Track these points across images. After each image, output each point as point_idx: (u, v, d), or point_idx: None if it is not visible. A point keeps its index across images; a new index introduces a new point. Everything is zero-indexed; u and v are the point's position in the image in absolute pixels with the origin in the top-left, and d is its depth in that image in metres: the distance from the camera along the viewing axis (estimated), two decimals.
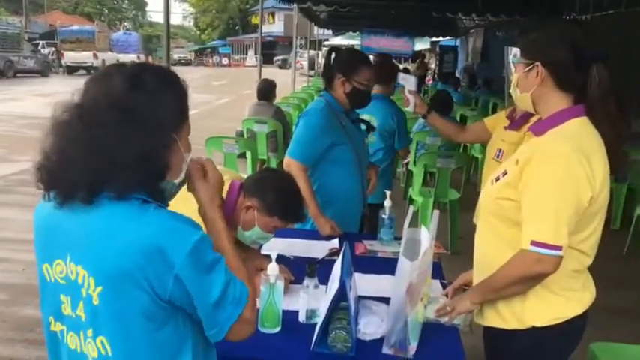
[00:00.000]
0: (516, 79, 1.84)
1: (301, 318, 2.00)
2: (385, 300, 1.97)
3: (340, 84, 2.95)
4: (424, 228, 1.98)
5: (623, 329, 3.68)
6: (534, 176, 1.69)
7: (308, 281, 1.99)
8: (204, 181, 1.42)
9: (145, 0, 68.57)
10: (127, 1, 65.98)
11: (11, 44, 26.41)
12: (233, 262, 1.33)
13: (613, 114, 1.73)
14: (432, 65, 24.97)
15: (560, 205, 1.65)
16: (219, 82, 27.12)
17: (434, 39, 23.93)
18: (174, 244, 1.20)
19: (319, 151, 2.92)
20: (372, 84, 3.08)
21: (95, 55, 30.39)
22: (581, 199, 1.66)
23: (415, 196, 5.49)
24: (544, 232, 1.65)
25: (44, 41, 33.79)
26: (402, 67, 15.62)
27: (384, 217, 2.82)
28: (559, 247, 1.65)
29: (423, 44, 25.69)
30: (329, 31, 23.59)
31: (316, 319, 1.94)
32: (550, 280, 1.73)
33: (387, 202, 2.83)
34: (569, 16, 9.27)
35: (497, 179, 1.85)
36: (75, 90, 1.28)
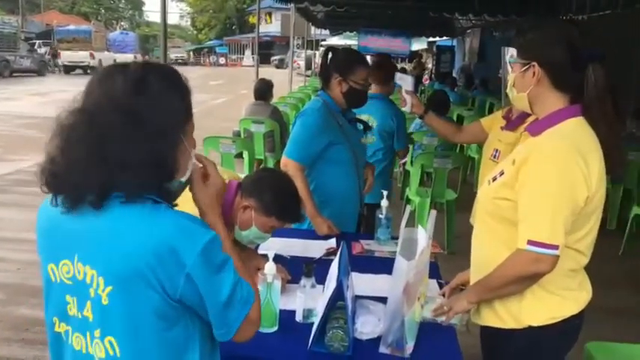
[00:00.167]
0: (513, 79, 1.84)
1: (298, 317, 2.00)
2: (382, 300, 1.97)
3: (337, 84, 2.95)
4: (421, 228, 1.99)
5: (619, 329, 3.69)
6: (531, 176, 1.69)
7: (305, 281, 1.99)
8: (204, 185, 1.41)
9: None
10: (123, 1, 65.78)
11: (7, 44, 26.34)
12: (237, 264, 1.33)
13: (609, 114, 1.74)
14: (429, 65, 24.99)
15: (557, 205, 1.65)
16: (216, 82, 27.08)
17: (431, 39, 23.95)
18: (186, 244, 1.20)
19: (316, 151, 2.92)
20: (369, 84, 3.09)
21: (92, 55, 30.34)
22: (578, 198, 1.66)
23: (412, 196, 5.49)
24: (541, 231, 1.66)
25: (40, 41, 33.73)
26: (399, 67, 15.64)
27: (381, 216, 2.82)
28: (556, 247, 1.65)
29: (420, 44, 25.71)
30: (326, 31, 23.59)
31: (313, 318, 1.95)
32: (547, 280, 1.74)
33: (384, 202, 2.84)
34: (565, 17, 9.29)
35: (494, 179, 1.85)
36: (78, 92, 1.27)
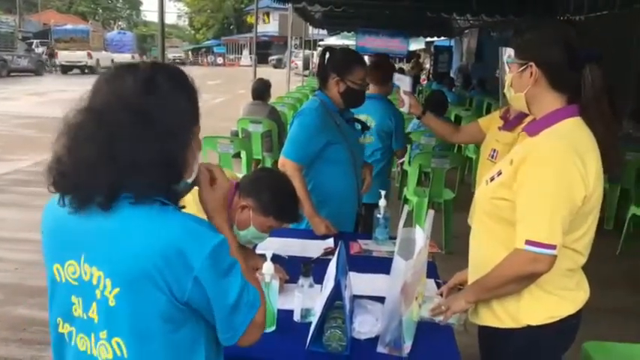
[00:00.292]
0: (510, 79, 1.85)
1: (296, 317, 2.01)
2: (380, 299, 1.97)
3: (334, 84, 2.96)
4: (419, 227, 1.99)
5: (616, 328, 3.70)
6: (529, 176, 1.69)
7: (303, 280, 1.99)
8: (211, 189, 1.41)
9: None
10: (121, 1, 65.72)
11: (5, 43, 26.32)
12: (243, 268, 1.32)
13: (607, 114, 1.74)
14: (427, 65, 25.01)
15: (555, 205, 1.65)
16: (214, 82, 27.04)
17: (428, 39, 23.96)
18: (194, 246, 1.20)
19: (314, 151, 2.92)
20: (366, 84, 3.09)
21: (89, 55, 30.31)
22: (575, 198, 1.67)
23: (410, 196, 5.49)
24: (538, 231, 1.66)
25: (38, 40, 33.69)
26: (397, 67, 15.63)
27: (378, 216, 2.82)
28: (553, 247, 1.65)
29: (417, 44, 25.72)
30: (324, 31, 23.60)
31: (311, 318, 1.95)
32: (544, 280, 1.74)
33: (382, 202, 2.84)
34: (563, 17, 9.30)
35: (492, 179, 1.85)
36: (84, 91, 1.27)
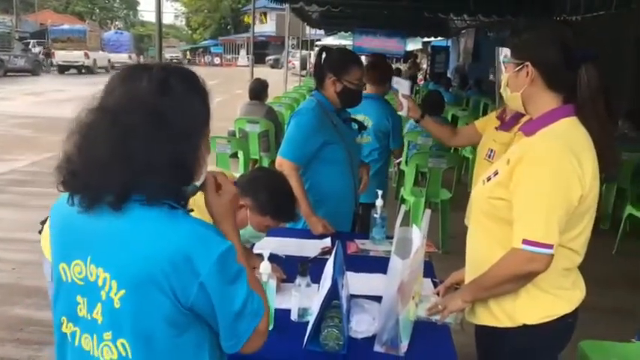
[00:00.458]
0: (507, 79, 1.85)
1: (293, 316, 2.01)
2: (377, 299, 1.98)
3: (331, 83, 2.96)
4: (415, 227, 1.99)
5: (612, 328, 3.70)
6: (525, 176, 1.70)
7: (300, 280, 1.99)
8: (217, 195, 1.40)
9: None
10: (118, 0, 65.64)
11: (1, 43, 26.22)
12: (250, 276, 1.32)
13: (602, 114, 1.74)
14: (424, 65, 25.03)
15: (551, 204, 1.66)
16: (211, 82, 26.45)
17: (426, 39, 23.99)
18: (201, 252, 1.19)
19: (311, 151, 2.92)
20: (363, 83, 3.09)
21: (86, 55, 30.25)
22: (572, 197, 1.67)
23: (407, 196, 5.50)
24: (535, 230, 1.67)
25: (35, 40, 33.61)
26: (394, 67, 15.63)
27: (375, 216, 2.82)
28: (550, 246, 1.66)
29: (414, 44, 25.74)
30: (321, 31, 23.58)
31: (308, 317, 1.95)
32: (541, 279, 1.75)
33: (379, 202, 2.84)
34: (560, 17, 9.32)
35: (489, 179, 1.86)
36: (97, 91, 1.27)
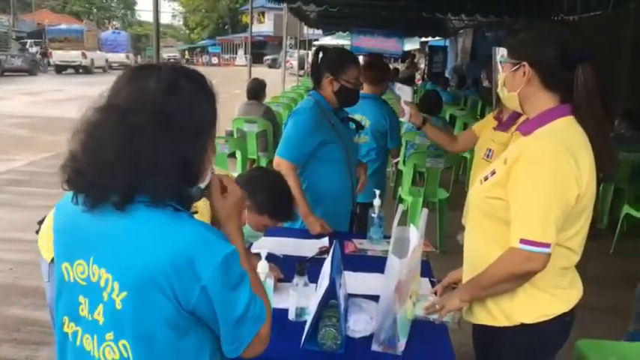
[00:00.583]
0: (503, 78, 1.86)
1: (291, 316, 2.01)
2: (374, 298, 1.98)
3: (328, 83, 2.96)
4: (413, 226, 1.99)
5: (609, 327, 3.72)
6: (522, 175, 1.70)
7: (298, 279, 1.99)
8: (222, 197, 1.40)
9: None
10: (115, 0, 65.58)
11: None
12: (252, 279, 1.31)
13: (599, 113, 1.75)
14: (422, 65, 25.05)
15: (548, 203, 1.66)
16: None
17: (423, 39, 24.01)
18: (204, 255, 1.19)
19: (309, 150, 2.92)
20: (360, 82, 3.09)
21: (84, 54, 30.22)
22: (569, 197, 1.67)
23: (404, 196, 5.50)
24: (532, 230, 1.67)
25: (32, 40, 33.57)
26: (391, 67, 15.64)
27: (373, 215, 2.83)
28: (547, 245, 1.66)
29: (412, 44, 25.77)
30: (319, 31, 23.60)
31: (306, 316, 1.95)
32: (538, 278, 1.75)
33: (377, 201, 2.84)
34: (557, 17, 9.34)
35: (486, 178, 1.86)
36: (104, 90, 1.26)
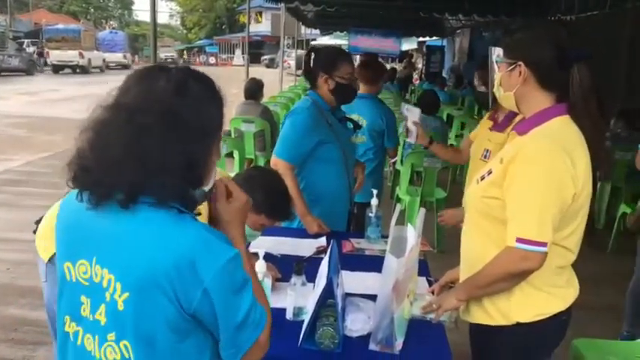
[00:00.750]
0: (499, 78, 1.86)
1: (289, 315, 2.01)
2: (372, 297, 1.98)
3: (323, 82, 2.97)
4: (410, 226, 1.99)
5: (606, 326, 3.73)
6: (518, 174, 1.71)
7: (295, 279, 2.00)
8: (227, 202, 1.40)
9: None
10: (113, 0, 65.51)
11: None
12: (255, 285, 1.31)
13: (595, 113, 1.76)
14: (419, 65, 25.07)
15: (544, 202, 1.67)
16: None
17: (421, 39, 24.02)
18: (207, 258, 1.18)
19: (306, 150, 2.93)
20: (355, 78, 3.11)
21: (81, 54, 30.16)
22: (565, 196, 1.68)
23: (402, 195, 5.51)
24: (529, 229, 1.67)
25: (29, 40, 33.50)
26: (389, 66, 15.65)
27: (371, 215, 2.83)
28: (544, 244, 1.67)
29: (410, 44, 25.76)
30: (316, 31, 23.60)
31: (303, 316, 1.96)
32: (535, 277, 1.75)
33: (374, 201, 2.85)
34: (554, 17, 9.36)
35: (483, 178, 1.86)
36: (112, 88, 1.26)
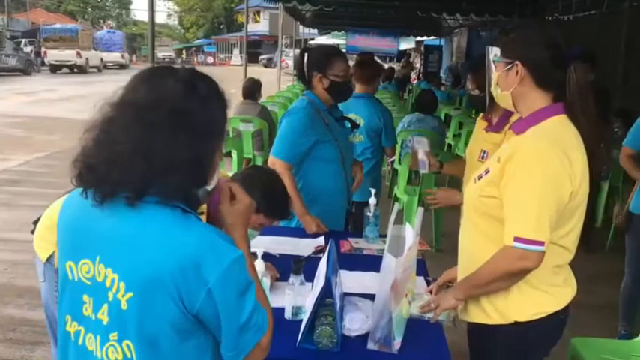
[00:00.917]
0: (496, 77, 1.87)
1: (287, 315, 2.02)
2: (370, 296, 1.99)
3: (318, 81, 2.97)
4: (409, 225, 2.00)
5: (604, 325, 3.74)
6: (515, 173, 1.71)
7: (294, 278, 2.00)
8: (230, 204, 1.41)
9: None
10: (110, 0, 65.45)
11: None
12: (257, 288, 1.31)
13: (591, 112, 1.76)
14: (417, 65, 25.09)
15: (542, 201, 1.67)
16: None
17: (419, 38, 24.04)
18: (211, 258, 1.19)
19: (303, 150, 2.93)
20: (349, 75, 3.11)
21: (79, 54, 30.11)
22: (562, 194, 1.69)
23: (400, 195, 5.52)
24: (526, 228, 1.68)
25: (26, 39, 33.40)
26: (387, 66, 15.65)
27: (369, 214, 2.83)
28: (541, 243, 1.67)
29: (408, 43, 25.80)
30: (314, 31, 23.59)
31: (302, 315, 1.96)
32: (532, 276, 1.76)
33: (372, 200, 2.85)
34: (551, 17, 9.38)
35: (480, 177, 1.87)
36: (119, 87, 1.27)
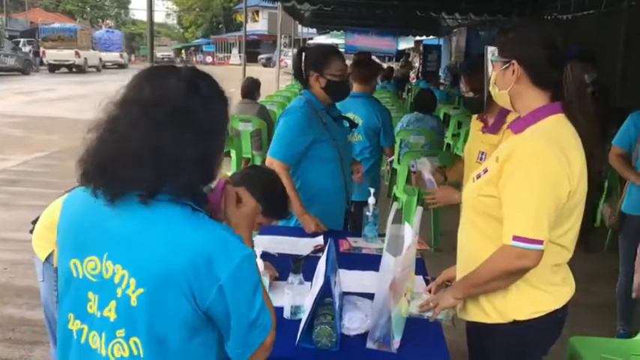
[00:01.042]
0: (494, 77, 1.87)
1: (286, 314, 2.02)
2: (369, 296, 1.99)
3: (315, 80, 2.97)
4: (407, 225, 2.00)
5: (603, 324, 3.74)
6: (514, 173, 1.71)
7: (293, 278, 2.00)
8: (236, 207, 1.43)
9: None
10: None
11: None
12: (263, 288, 1.31)
13: (589, 111, 1.77)
14: (416, 64, 25.09)
15: (540, 200, 1.68)
16: None
17: (417, 38, 24.04)
18: (223, 256, 1.20)
19: (300, 149, 2.93)
20: (346, 74, 3.11)
21: (77, 54, 30.07)
22: (560, 193, 1.69)
23: (399, 194, 5.52)
24: (525, 227, 1.68)
25: (25, 39, 33.37)
26: (385, 65, 15.65)
27: (368, 214, 2.83)
28: (540, 242, 1.67)
29: (406, 43, 25.79)
30: (313, 30, 23.59)
31: (301, 314, 1.96)
32: (531, 275, 1.76)
33: (371, 200, 2.85)
34: (550, 16, 9.38)
35: (479, 176, 1.87)
36: (122, 86, 1.28)
